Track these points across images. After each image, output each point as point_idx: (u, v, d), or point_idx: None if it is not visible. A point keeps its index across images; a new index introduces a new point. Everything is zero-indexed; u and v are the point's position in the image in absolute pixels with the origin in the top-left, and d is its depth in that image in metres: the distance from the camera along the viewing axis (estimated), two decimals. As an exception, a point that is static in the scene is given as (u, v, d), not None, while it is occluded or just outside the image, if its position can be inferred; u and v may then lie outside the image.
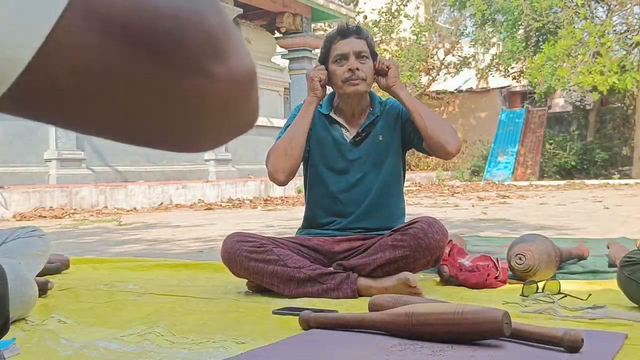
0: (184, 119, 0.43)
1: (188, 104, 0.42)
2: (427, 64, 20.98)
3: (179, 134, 0.45)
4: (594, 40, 15.03)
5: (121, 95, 0.40)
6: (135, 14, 0.38)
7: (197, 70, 0.41)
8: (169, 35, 0.39)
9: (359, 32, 2.44)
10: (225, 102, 0.44)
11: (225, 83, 0.43)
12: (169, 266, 3.13)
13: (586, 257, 2.96)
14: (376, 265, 2.28)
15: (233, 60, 0.43)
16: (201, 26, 0.41)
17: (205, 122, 0.44)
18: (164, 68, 0.40)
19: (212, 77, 0.42)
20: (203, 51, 0.41)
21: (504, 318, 1.51)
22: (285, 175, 2.38)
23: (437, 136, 2.36)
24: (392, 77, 2.44)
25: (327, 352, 1.53)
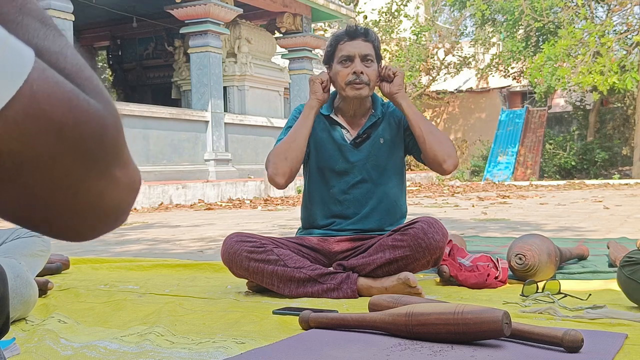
0: (83, 212, 0.47)
1: (90, 200, 0.47)
2: (427, 64, 20.98)
3: (73, 224, 0.49)
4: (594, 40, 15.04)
5: (36, 183, 0.44)
6: (71, 116, 0.43)
7: (105, 172, 0.46)
8: (93, 138, 0.44)
9: (367, 35, 2.44)
10: (119, 203, 0.49)
11: (123, 187, 0.49)
12: (169, 266, 3.14)
13: (586, 257, 2.96)
14: (376, 265, 2.28)
15: (131, 169, 0.50)
16: (117, 135, 0.47)
17: (99, 218, 0.49)
18: (82, 165, 0.44)
19: (115, 180, 0.48)
20: (113, 156, 0.47)
21: (504, 318, 1.51)
22: (285, 178, 2.38)
23: (435, 153, 2.36)
24: (397, 85, 2.43)
25: (327, 352, 1.53)
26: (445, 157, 2.36)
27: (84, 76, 0.47)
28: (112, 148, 0.46)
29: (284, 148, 2.39)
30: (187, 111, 10.73)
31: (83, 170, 0.44)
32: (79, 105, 0.43)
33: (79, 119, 0.43)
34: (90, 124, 0.44)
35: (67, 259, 3.10)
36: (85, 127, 0.43)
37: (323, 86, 2.43)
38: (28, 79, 0.41)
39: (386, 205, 2.49)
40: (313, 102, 2.43)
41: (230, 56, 11.99)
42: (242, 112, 11.96)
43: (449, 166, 2.37)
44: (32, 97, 0.41)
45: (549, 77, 15.52)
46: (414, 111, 2.41)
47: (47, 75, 0.42)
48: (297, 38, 13.21)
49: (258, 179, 10.79)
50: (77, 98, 0.43)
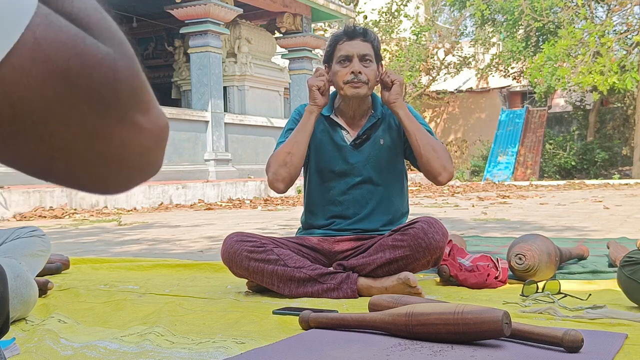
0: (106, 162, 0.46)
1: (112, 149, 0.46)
2: (427, 64, 20.98)
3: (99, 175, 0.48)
4: (594, 40, 15.04)
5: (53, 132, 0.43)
6: (77, 61, 0.42)
7: (124, 118, 0.45)
8: (105, 84, 0.43)
9: (366, 35, 2.44)
10: (144, 151, 0.48)
11: (147, 133, 0.47)
12: (169, 266, 3.13)
13: (586, 257, 2.96)
14: (376, 265, 2.28)
15: (153, 114, 0.48)
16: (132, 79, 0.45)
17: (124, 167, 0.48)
18: (96, 112, 0.44)
19: (136, 126, 0.46)
20: (131, 101, 0.45)
21: (504, 318, 1.51)
22: (285, 184, 2.39)
23: (430, 164, 2.36)
24: (395, 94, 2.42)
25: (327, 352, 1.53)
26: (441, 170, 2.36)
27: (93, 20, 0.46)
28: (128, 92, 0.45)
29: (284, 154, 2.39)
30: (187, 111, 10.73)
31: (99, 116, 0.44)
32: (85, 49, 0.43)
33: (86, 63, 0.42)
34: (100, 68, 0.43)
35: (67, 259, 3.10)
36: (94, 72, 0.43)
37: (321, 91, 2.42)
38: (30, 25, 0.40)
39: (386, 206, 2.49)
40: (312, 108, 2.42)
41: (230, 56, 11.99)
42: (242, 112, 11.96)
43: (443, 179, 2.38)
44: (35, 43, 0.41)
45: (549, 77, 15.52)
46: (412, 121, 2.40)
47: (50, 20, 0.42)
48: (297, 38, 13.21)
49: (258, 179, 10.79)
50: (83, 42, 0.43)
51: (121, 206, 8.26)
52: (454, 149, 21.53)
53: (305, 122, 2.42)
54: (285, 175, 2.37)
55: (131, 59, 0.46)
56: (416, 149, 2.38)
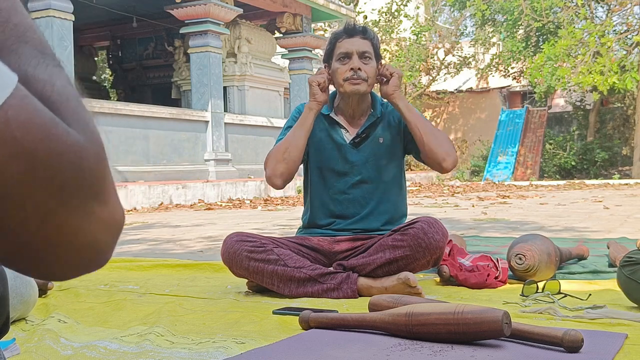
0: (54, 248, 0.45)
1: (63, 236, 0.44)
2: (427, 64, 20.98)
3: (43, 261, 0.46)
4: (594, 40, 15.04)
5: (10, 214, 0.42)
6: (45, 145, 0.41)
7: (81, 207, 0.44)
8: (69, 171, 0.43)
9: (365, 33, 2.44)
10: (97, 240, 0.47)
11: (101, 224, 0.46)
12: (169, 266, 3.13)
13: (586, 257, 2.96)
14: (376, 265, 2.28)
15: (111, 205, 0.47)
16: (97, 169, 0.45)
17: (72, 255, 0.46)
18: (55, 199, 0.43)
19: (92, 216, 0.45)
20: (92, 191, 0.45)
21: (504, 318, 1.51)
22: (283, 179, 2.39)
23: (434, 151, 2.36)
24: (393, 86, 2.43)
25: (327, 352, 1.53)
26: (445, 156, 2.36)
27: (69, 106, 0.46)
28: (90, 182, 0.44)
29: (282, 149, 2.39)
30: (187, 111, 10.73)
31: (56, 202, 0.43)
32: (55, 134, 0.42)
33: (54, 149, 0.42)
34: (67, 155, 0.42)
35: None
36: (60, 158, 0.42)
37: (321, 87, 2.42)
38: (4, 105, 0.40)
39: (386, 206, 2.49)
40: (312, 105, 2.43)
41: (230, 56, 11.99)
42: (242, 112, 11.96)
43: (448, 164, 2.37)
44: (5, 122, 0.40)
45: (549, 77, 15.52)
46: (411, 111, 2.41)
47: (25, 102, 0.42)
48: (297, 38, 13.21)
49: (258, 179, 10.79)
50: (54, 127, 0.42)
51: (121, 206, 8.24)
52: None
53: (305, 118, 2.42)
54: (283, 170, 2.38)
55: (99, 147, 0.46)
56: (418, 137, 2.38)
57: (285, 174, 2.38)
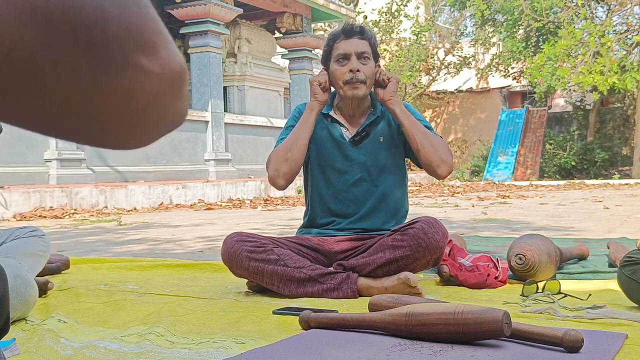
0: (113, 115, 0.42)
1: (117, 100, 0.41)
2: (427, 64, 20.98)
3: (109, 130, 0.43)
4: (594, 40, 15.04)
5: (44, 87, 0.39)
6: (58, 2, 0.37)
7: (124, 64, 0.40)
8: (92, 26, 0.38)
9: (363, 33, 2.44)
10: (156, 98, 0.43)
11: (156, 77, 0.42)
12: (169, 266, 3.13)
13: (586, 257, 2.96)
14: (376, 265, 2.28)
15: (163, 56, 0.43)
16: (126, 18, 0.40)
17: (137, 119, 0.43)
18: (88, 60, 0.39)
19: (141, 72, 0.41)
20: (129, 43, 0.40)
21: (504, 318, 1.51)
22: (286, 179, 2.39)
23: (429, 159, 2.37)
24: (390, 92, 2.43)
25: (327, 352, 1.53)
26: (439, 163, 2.37)
27: None
28: (123, 34, 0.40)
29: (284, 150, 2.39)
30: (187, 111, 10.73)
31: (92, 64, 0.39)
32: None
33: (67, 3, 0.38)
34: (83, 8, 0.38)
35: (67, 259, 3.10)
36: (77, 13, 0.38)
37: (322, 87, 2.43)
38: None
39: (386, 204, 2.49)
40: (313, 104, 2.43)
41: (230, 56, 11.99)
42: (242, 112, 11.96)
43: (443, 172, 2.39)
44: None
45: (549, 77, 15.52)
46: (408, 118, 2.41)
47: None
48: (297, 38, 13.21)
49: (258, 179, 10.79)
50: None
51: (121, 206, 8.26)
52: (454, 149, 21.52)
53: (306, 119, 2.42)
54: (286, 170, 2.38)
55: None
56: (413, 144, 2.39)
57: (288, 175, 2.39)
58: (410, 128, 2.39)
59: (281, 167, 2.38)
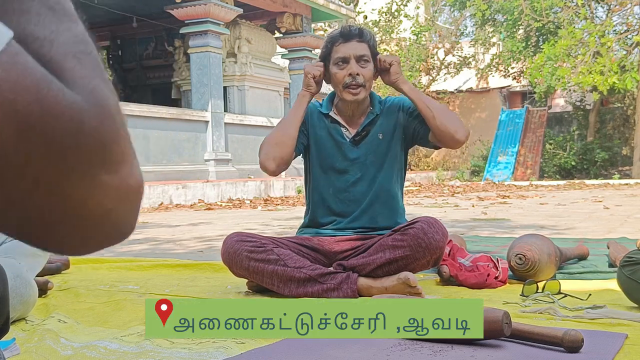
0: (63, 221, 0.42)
1: (70, 208, 0.41)
2: (427, 64, 20.98)
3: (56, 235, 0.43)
4: (594, 40, 15.04)
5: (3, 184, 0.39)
6: (38, 107, 0.38)
7: (86, 175, 0.41)
8: (66, 135, 0.39)
9: (361, 36, 2.44)
10: (110, 211, 0.43)
11: (113, 192, 0.43)
12: (169, 266, 3.14)
13: (586, 257, 2.96)
14: (376, 265, 2.28)
15: (124, 172, 0.43)
16: (100, 132, 0.41)
17: (85, 229, 0.43)
18: (55, 166, 0.40)
19: (100, 186, 0.42)
20: (97, 157, 0.41)
21: (504, 318, 1.52)
22: (276, 164, 2.39)
23: (445, 125, 2.37)
24: (395, 74, 2.46)
25: (327, 352, 1.53)
26: (457, 128, 2.38)
27: (68, 65, 0.42)
28: (93, 147, 0.41)
29: (275, 135, 2.43)
30: (187, 111, 10.73)
31: (57, 171, 0.40)
32: (48, 95, 0.39)
33: (47, 110, 0.39)
34: (63, 117, 0.39)
35: (67, 259, 3.10)
36: (55, 121, 0.39)
37: (315, 80, 2.45)
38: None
39: (387, 203, 2.50)
40: (305, 94, 2.47)
41: (230, 56, 11.99)
42: (242, 112, 11.96)
43: (461, 136, 2.38)
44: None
45: (549, 77, 15.52)
46: (417, 92, 2.45)
47: (17, 60, 0.38)
48: (297, 38, 13.21)
49: (258, 179, 10.79)
50: (47, 87, 0.39)
51: (121, 206, 8.25)
52: (454, 149, 21.49)
53: (297, 105, 2.46)
54: (276, 154, 2.39)
55: (103, 109, 0.42)
56: (428, 115, 2.38)
57: (278, 159, 2.39)
58: (422, 100, 2.41)
59: (271, 151, 2.39)
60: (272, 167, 2.39)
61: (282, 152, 2.40)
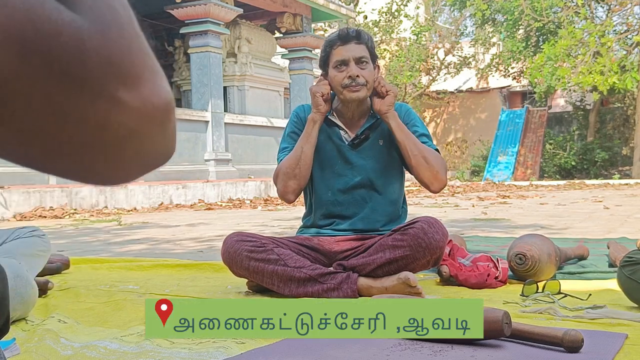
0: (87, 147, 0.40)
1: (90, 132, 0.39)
2: (427, 64, 20.98)
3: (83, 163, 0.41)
4: (594, 40, 15.04)
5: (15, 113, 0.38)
6: (32, 28, 0.37)
7: (100, 95, 0.39)
8: (67, 54, 0.38)
9: (359, 37, 2.43)
10: (134, 133, 0.41)
11: (134, 111, 0.40)
12: (169, 266, 3.14)
13: (586, 257, 2.96)
14: (376, 265, 2.28)
15: (145, 89, 0.41)
16: (107, 48, 0.39)
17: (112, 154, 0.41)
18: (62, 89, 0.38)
19: (119, 104, 0.39)
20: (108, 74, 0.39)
21: (504, 318, 1.52)
22: (295, 195, 2.45)
23: (421, 175, 2.39)
24: (387, 105, 2.41)
25: (327, 352, 1.53)
26: (432, 180, 2.38)
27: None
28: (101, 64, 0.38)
29: (291, 166, 2.42)
30: (187, 111, 10.73)
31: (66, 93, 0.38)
32: (43, 15, 0.37)
33: (42, 31, 0.37)
34: (59, 37, 0.37)
35: (67, 259, 3.10)
36: (52, 41, 0.37)
37: (324, 98, 2.42)
38: None
39: (386, 206, 2.49)
40: (316, 117, 2.43)
41: (230, 56, 11.99)
42: (242, 112, 11.96)
43: (435, 189, 2.41)
44: None
45: (549, 77, 15.52)
46: (403, 132, 2.40)
47: None
48: (297, 38, 13.21)
49: (258, 179, 10.79)
50: (40, 7, 0.37)
51: (121, 206, 8.26)
52: (454, 149, 21.54)
53: (309, 132, 2.43)
54: (295, 187, 2.43)
55: (106, 25, 0.40)
56: (407, 159, 2.40)
57: (297, 190, 2.45)
58: (406, 144, 2.38)
59: (290, 184, 2.42)
60: (292, 199, 2.45)
61: (300, 183, 2.43)
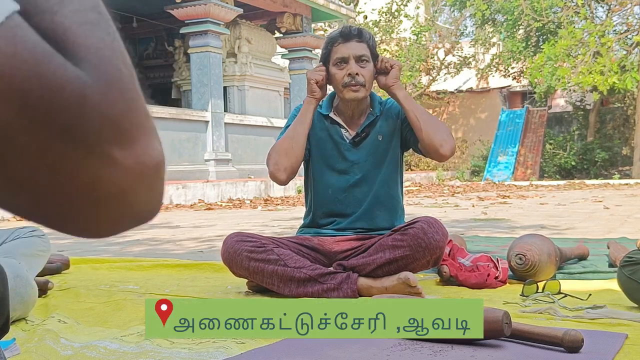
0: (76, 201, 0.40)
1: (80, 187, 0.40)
2: (427, 64, 20.97)
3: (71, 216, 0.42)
4: (594, 40, 15.03)
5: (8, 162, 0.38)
6: (37, 82, 0.37)
7: (93, 150, 0.39)
8: (68, 109, 0.38)
9: (360, 36, 2.44)
10: (123, 190, 0.41)
11: (126, 170, 0.41)
12: (169, 266, 3.14)
13: (586, 257, 2.96)
14: (376, 265, 2.28)
15: (139, 148, 0.41)
16: (107, 106, 0.39)
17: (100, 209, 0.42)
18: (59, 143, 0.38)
19: (111, 161, 0.40)
20: (104, 132, 0.39)
21: (504, 318, 1.52)
22: (287, 174, 2.40)
23: (431, 138, 2.36)
24: (393, 78, 2.44)
25: (327, 352, 1.53)
26: (442, 142, 2.36)
27: (71, 37, 0.40)
28: (100, 122, 0.39)
29: (284, 145, 2.40)
30: (187, 111, 10.73)
31: (63, 147, 0.38)
32: (48, 70, 0.38)
33: (47, 86, 0.37)
34: (62, 92, 0.38)
35: (67, 259, 3.10)
36: (55, 96, 0.38)
37: (319, 85, 2.44)
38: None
39: (386, 202, 2.50)
40: (310, 100, 2.45)
41: (230, 56, 11.99)
42: (242, 112, 11.96)
43: (446, 151, 2.36)
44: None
45: (549, 77, 15.51)
46: (410, 101, 2.44)
47: (16, 33, 0.37)
48: (297, 38, 13.21)
49: (258, 179, 10.79)
50: (48, 62, 0.38)
51: (121, 206, 8.25)
52: (454, 149, 21.46)
53: (304, 113, 2.44)
54: (286, 165, 2.39)
55: (108, 83, 0.40)
56: (416, 125, 2.38)
57: (289, 169, 2.40)
58: (413, 110, 2.40)
59: (281, 162, 2.39)
60: (283, 178, 2.39)
61: (292, 161, 2.39)
